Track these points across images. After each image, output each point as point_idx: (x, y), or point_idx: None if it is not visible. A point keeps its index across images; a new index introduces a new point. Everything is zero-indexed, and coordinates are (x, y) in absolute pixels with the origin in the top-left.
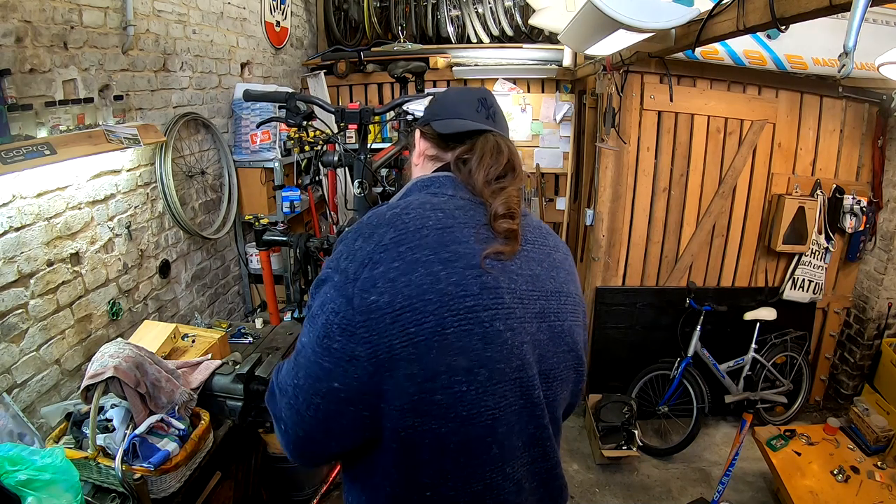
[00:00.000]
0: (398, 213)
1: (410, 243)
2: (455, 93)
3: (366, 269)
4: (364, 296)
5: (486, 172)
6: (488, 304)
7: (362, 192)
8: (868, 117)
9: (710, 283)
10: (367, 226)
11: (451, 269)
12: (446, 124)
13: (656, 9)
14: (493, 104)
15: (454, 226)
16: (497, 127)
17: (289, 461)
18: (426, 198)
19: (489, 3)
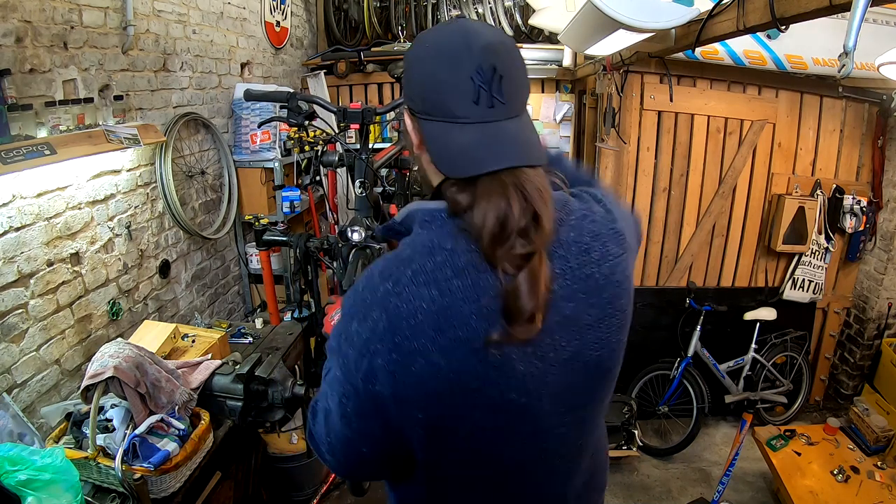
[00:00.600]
0: (390, 292)
1: (405, 331)
2: (436, 52)
3: (365, 359)
4: (368, 386)
5: (490, 245)
6: (497, 380)
7: (364, 191)
8: (868, 117)
9: (710, 283)
10: (362, 303)
11: (451, 357)
12: (436, 137)
13: (656, 9)
14: (497, 62)
15: (451, 305)
16: (508, 110)
17: (289, 461)
18: (422, 259)
19: (489, 3)
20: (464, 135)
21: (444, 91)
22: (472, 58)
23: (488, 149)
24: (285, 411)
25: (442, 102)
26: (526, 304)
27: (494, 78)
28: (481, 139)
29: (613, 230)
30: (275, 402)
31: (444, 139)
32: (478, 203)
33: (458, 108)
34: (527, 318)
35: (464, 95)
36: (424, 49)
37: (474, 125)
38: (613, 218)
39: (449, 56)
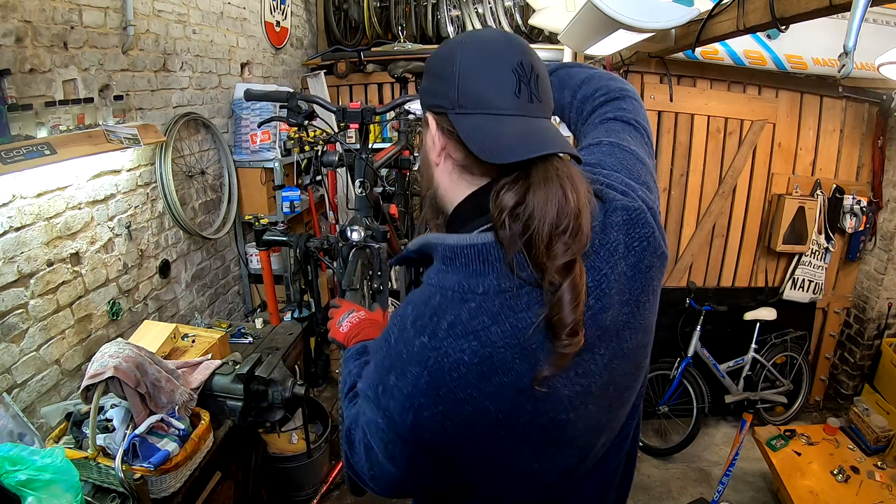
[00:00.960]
0: (428, 347)
1: (449, 384)
2: (480, 50)
3: (409, 413)
4: (416, 437)
5: (547, 240)
6: (545, 409)
7: (364, 191)
8: (868, 117)
9: (710, 283)
10: (399, 356)
11: (499, 401)
12: (476, 129)
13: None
14: (536, 65)
15: (492, 354)
16: (543, 110)
17: (289, 461)
18: (455, 308)
19: (489, 3)
20: (508, 125)
21: (487, 82)
22: (513, 53)
23: (536, 137)
24: (285, 411)
25: (483, 94)
26: (568, 316)
27: (532, 75)
28: (524, 130)
29: (636, 210)
30: (275, 402)
31: (486, 130)
32: (534, 196)
33: (502, 99)
34: (569, 331)
35: (506, 87)
36: (462, 46)
37: (515, 118)
38: (630, 194)
39: (491, 50)
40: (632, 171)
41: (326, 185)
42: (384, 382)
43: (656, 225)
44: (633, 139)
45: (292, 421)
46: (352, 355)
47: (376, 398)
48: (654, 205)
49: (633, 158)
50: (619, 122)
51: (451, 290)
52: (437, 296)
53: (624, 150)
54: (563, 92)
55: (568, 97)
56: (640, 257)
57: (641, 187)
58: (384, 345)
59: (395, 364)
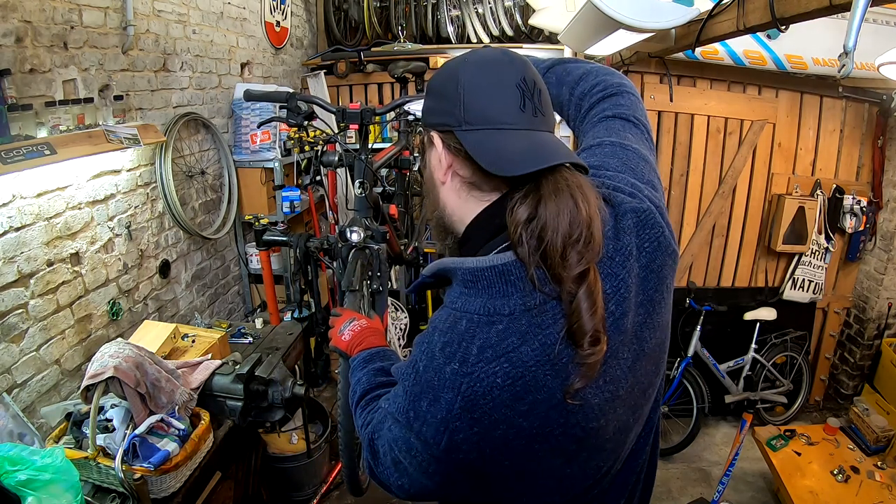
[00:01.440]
0: (459, 373)
1: (483, 408)
2: (484, 69)
3: (444, 436)
4: (451, 456)
5: (561, 250)
6: (577, 420)
7: (363, 192)
8: (868, 117)
9: (710, 283)
10: (429, 383)
11: (532, 417)
12: (483, 144)
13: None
14: (538, 82)
15: (524, 374)
16: (546, 123)
17: (289, 461)
18: (483, 332)
19: (489, 3)
20: (515, 139)
21: (491, 98)
22: (516, 70)
23: (543, 149)
24: (285, 411)
25: (488, 110)
26: (587, 324)
27: (535, 90)
28: (531, 143)
29: (646, 211)
30: (275, 402)
31: (493, 145)
32: (546, 208)
33: (507, 114)
34: (591, 338)
35: (511, 103)
36: (465, 64)
37: (521, 132)
38: (638, 196)
39: (494, 68)
40: (636, 171)
41: (326, 185)
42: (416, 408)
43: (665, 223)
44: (634, 137)
45: (292, 421)
46: (358, 364)
47: (408, 423)
48: (660, 203)
49: (636, 157)
50: (618, 119)
51: (478, 314)
52: (464, 321)
53: (627, 149)
54: (561, 88)
55: (566, 94)
56: (651, 257)
57: (647, 186)
58: (412, 372)
59: (426, 391)
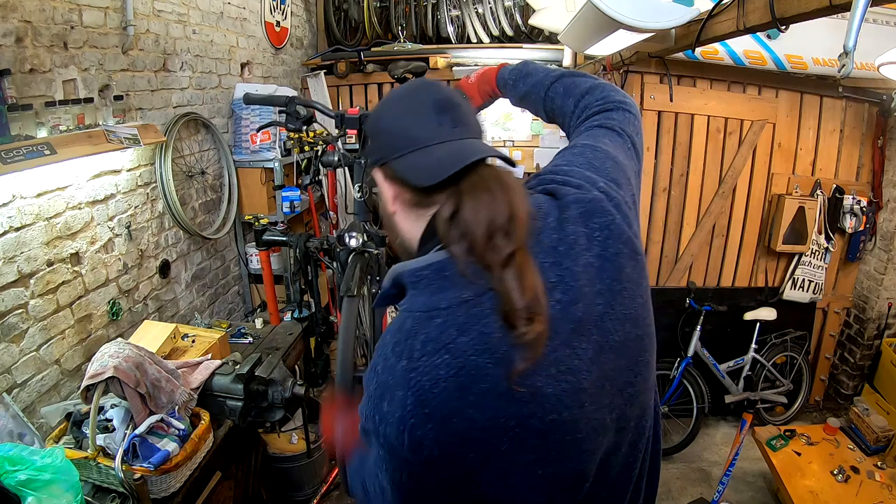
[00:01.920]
0: (407, 368)
1: (433, 401)
2: (400, 101)
3: (405, 434)
4: (417, 456)
5: (485, 238)
6: (533, 411)
7: (362, 195)
8: (868, 117)
9: (710, 283)
10: (385, 382)
11: (483, 408)
12: (411, 165)
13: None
14: (452, 98)
15: (465, 363)
16: (468, 131)
17: (289, 461)
18: (425, 327)
19: (489, 3)
20: (437, 151)
21: (412, 124)
22: (430, 93)
23: (462, 153)
24: (285, 411)
25: (411, 134)
26: (519, 301)
27: (450, 105)
28: (451, 150)
29: (591, 201)
30: (275, 402)
31: (420, 162)
32: (464, 203)
33: (427, 134)
34: (525, 316)
35: (429, 122)
36: (385, 103)
37: (444, 144)
38: (585, 187)
39: (408, 96)
40: (598, 168)
41: (326, 185)
42: (379, 411)
43: (618, 212)
44: (612, 143)
45: (292, 421)
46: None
47: (374, 428)
48: (617, 195)
49: (603, 156)
50: (603, 129)
51: (419, 311)
52: (410, 320)
53: (595, 149)
54: (567, 100)
55: (570, 105)
56: (604, 245)
57: (605, 180)
58: (372, 375)
59: (385, 392)
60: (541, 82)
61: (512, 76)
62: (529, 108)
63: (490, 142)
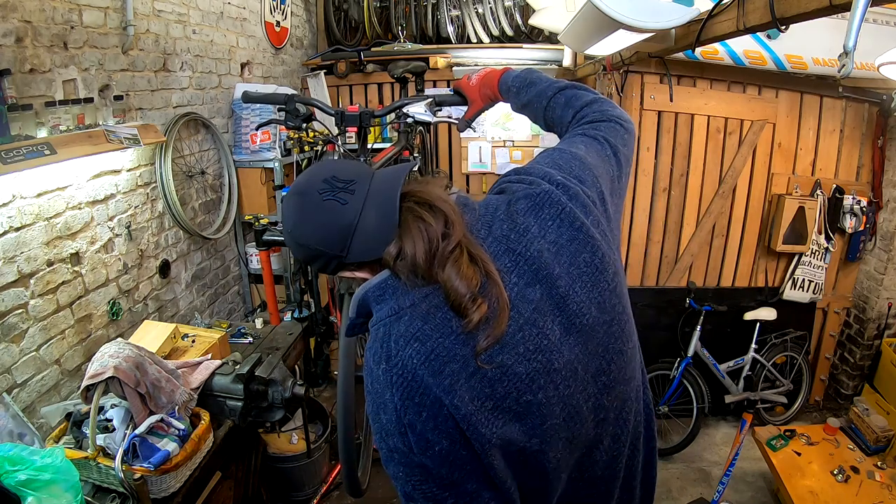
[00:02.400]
0: (386, 369)
1: (416, 391)
2: (303, 214)
3: (407, 435)
4: (428, 454)
5: (427, 265)
6: (507, 390)
7: None
8: (868, 117)
9: (710, 283)
10: (376, 393)
11: (458, 390)
12: (360, 250)
13: (656, 9)
14: (327, 170)
15: (434, 348)
16: (363, 179)
17: (289, 461)
18: (395, 327)
19: (489, 3)
20: (365, 221)
21: (328, 222)
22: (314, 187)
23: (384, 205)
24: (285, 411)
25: (335, 231)
26: (460, 288)
27: (337, 177)
28: (376, 209)
29: (540, 194)
30: (275, 402)
31: (363, 244)
32: (405, 243)
33: (346, 220)
34: (469, 300)
35: (338, 210)
36: (295, 226)
37: (364, 212)
38: (536, 182)
39: (305, 206)
40: (560, 166)
41: None
42: (381, 426)
43: (572, 202)
44: (587, 148)
45: (292, 421)
46: None
47: (387, 448)
48: (577, 188)
49: (568, 157)
50: (584, 136)
51: (387, 317)
52: (381, 328)
53: (563, 151)
54: (567, 111)
55: (569, 116)
56: (558, 233)
57: (563, 174)
58: (367, 396)
59: (378, 403)
60: (543, 92)
61: (516, 83)
62: (529, 115)
63: (489, 142)
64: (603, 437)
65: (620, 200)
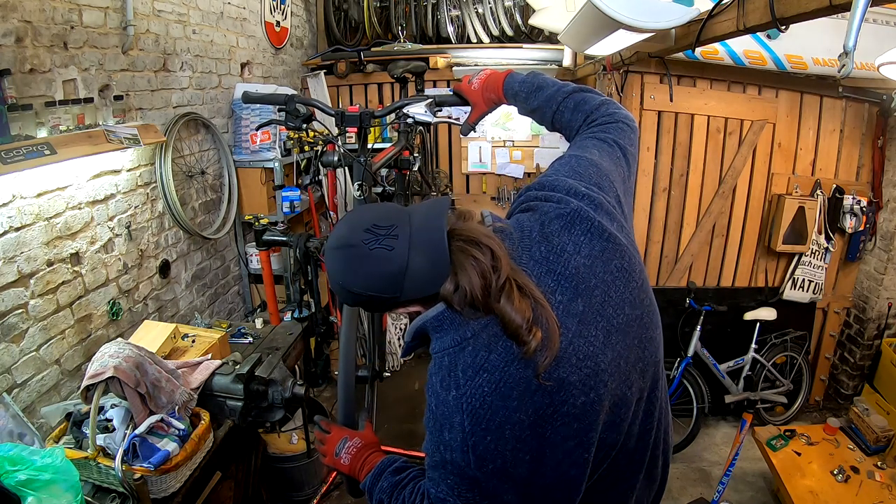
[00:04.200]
0: (457, 396)
1: (485, 416)
2: (351, 265)
3: (469, 452)
4: (484, 470)
5: (483, 295)
6: (565, 399)
7: (362, 194)
8: (868, 117)
9: (710, 283)
10: (443, 415)
11: (525, 409)
12: (413, 289)
13: (656, 9)
14: (366, 216)
15: (501, 377)
16: (403, 218)
17: (289, 461)
18: (461, 357)
19: (489, 3)
20: (414, 263)
21: (380, 268)
22: (356, 237)
23: (430, 243)
24: (285, 411)
25: (386, 276)
26: (516, 319)
27: (377, 222)
28: (422, 249)
29: (570, 213)
30: (275, 402)
31: (414, 284)
32: (460, 277)
33: (397, 265)
34: (525, 330)
35: (387, 255)
36: (346, 277)
37: (411, 252)
38: (565, 200)
39: (352, 257)
40: (581, 174)
41: (326, 185)
42: (441, 440)
43: (598, 213)
44: (600, 152)
45: (292, 421)
46: (371, 484)
47: (441, 459)
48: (599, 195)
49: (586, 163)
50: (595, 139)
51: (451, 347)
52: (445, 357)
53: (580, 158)
54: (576, 115)
55: (579, 120)
56: (591, 247)
57: (586, 184)
58: (430, 414)
59: (443, 423)
60: (552, 97)
61: (523, 89)
62: (537, 119)
63: (489, 142)
64: (638, 413)
65: (631, 198)
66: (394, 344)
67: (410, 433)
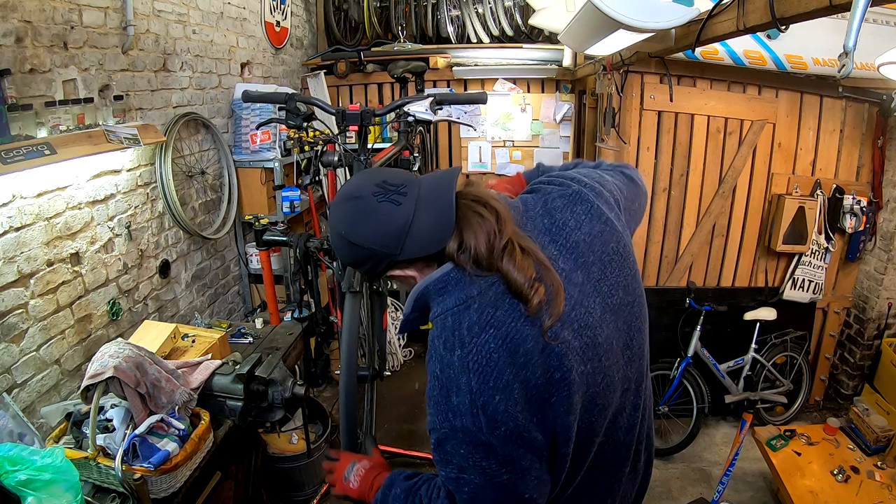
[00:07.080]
0: (463, 356)
1: (492, 375)
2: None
3: (480, 414)
4: (496, 433)
5: (488, 254)
6: (570, 363)
7: None
8: (868, 117)
9: (710, 283)
10: (448, 378)
11: (531, 367)
12: (414, 248)
13: (656, 9)
14: (377, 176)
15: (508, 332)
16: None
17: (289, 461)
18: (466, 316)
19: (489, 3)
20: (420, 222)
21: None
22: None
23: (438, 202)
24: (285, 411)
25: (390, 233)
26: (519, 277)
27: (387, 181)
28: (429, 208)
29: (572, 194)
30: (275, 402)
31: (417, 243)
32: (465, 235)
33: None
34: (528, 287)
35: (391, 212)
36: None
37: (418, 213)
38: (567, 184)
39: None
40: (585, 174)
41: (326, 185)
42: (449, 406)
43: (598, 200)
44: (606, 174)
45: (292, 421)
46: (384, 491)
47: (451, 428)
48: (601, 188)
49: (594, 172)
50: (601, 169)
51: (455, 307)
52: (448, 318)
53: (587, 166)
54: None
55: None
56: (590, 226)
57: (588, 179)
58: (434, 381)
59: (450, 386)
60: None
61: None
62: None
63: (489, 142)
64: (626, 405)
65: (634, 224)
66: (394, 344)
67: (410, 433)
